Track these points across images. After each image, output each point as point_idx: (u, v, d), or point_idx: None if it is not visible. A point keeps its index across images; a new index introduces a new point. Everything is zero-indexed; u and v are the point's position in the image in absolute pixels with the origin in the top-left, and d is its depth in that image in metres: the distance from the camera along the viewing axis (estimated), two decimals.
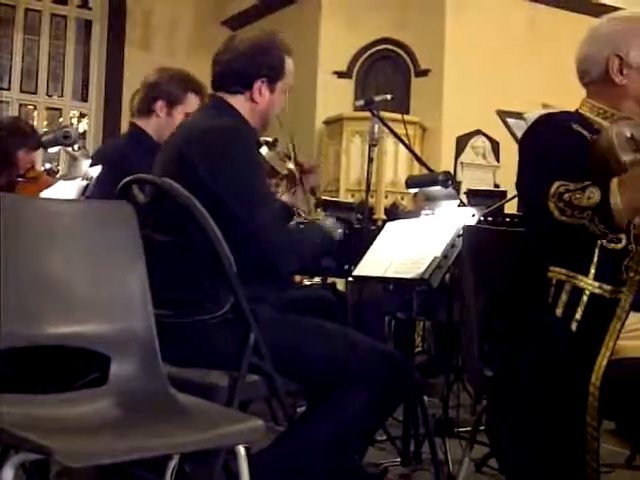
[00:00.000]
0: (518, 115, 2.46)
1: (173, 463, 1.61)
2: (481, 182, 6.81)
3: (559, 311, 1.62)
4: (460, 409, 3.14)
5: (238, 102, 2.10)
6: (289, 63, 2.15)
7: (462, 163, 7.00)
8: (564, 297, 1.63)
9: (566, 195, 1.54)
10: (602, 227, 1.52)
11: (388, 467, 2.63)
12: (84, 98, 8.48)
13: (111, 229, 1.67)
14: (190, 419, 1.44)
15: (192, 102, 2.72)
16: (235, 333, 1.88)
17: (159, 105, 2.73)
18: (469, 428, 2.19)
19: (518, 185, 1.74)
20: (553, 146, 1.68)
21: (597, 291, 1.62)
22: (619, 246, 1.62)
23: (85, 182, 2.22)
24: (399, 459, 2.72)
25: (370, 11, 7.23)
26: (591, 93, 1.82)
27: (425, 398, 2.78)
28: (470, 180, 6.78)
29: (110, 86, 8.12)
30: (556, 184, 1.56)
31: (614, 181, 1.51)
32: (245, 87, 2.10)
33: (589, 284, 1.62)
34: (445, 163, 6.78)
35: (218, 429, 1.38)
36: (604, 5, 7.14)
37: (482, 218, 2.84)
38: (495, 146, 6.97)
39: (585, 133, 1.69)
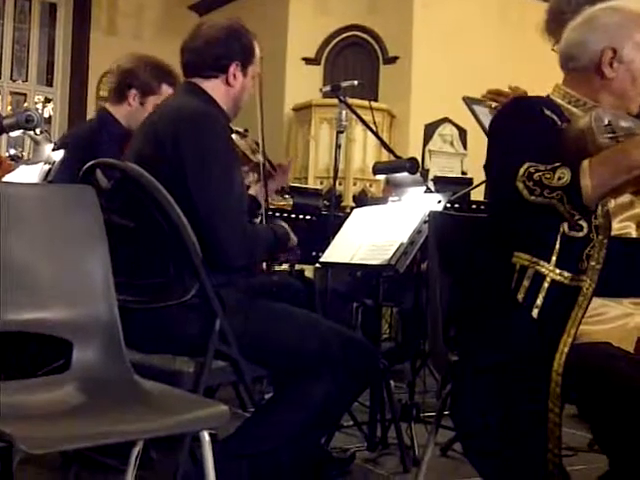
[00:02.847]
0: (483, 102, 2.48)
1: (137, 449, 1.60)
2: (449, 169, 6.85)
3: (520, 296, 1.63)
4: (426, 394, 3.17)
5: (213, 86, 2.12)
6: (257, 48, 2.19)
7: (430, 150, 7.03)
8: (526, 283, 1.63)
9: (536, 175, 1.54)
10: (570, 207, 1.52)
11: (355, 452, 2.64)
12: (49, 83, 8.35)
13: (73, 214, 1.65)
14: (153, 405, 1.43)
15: (166, 94, 2.71)
16: (201, 319, 1.87)
17: (132, 93, 2.73)
18: (435, 413, 2.21)
19: (487, 168, 1.74)
20: (523, 128, 1.67)
21: (558, 278, 1.62)
22: (580, 234, 1.62)
23: (47, 166, 2.19)
24: (365, 444, 2.73)
25: None
26: (570, 80, 1.80)
27: (392, 383, 2.80)
28: (438, 167, 6.82)
29: (76, 71, 8.00)
30: (526, 165, 1.56)
31: (585, 162, 1.52)
32: (220, 71, 2.12)
33: (550, 270, 1.63)
34: (413, 150, 6.79)
35: (182, 415, 1.37)
36: None
37: (448, 204, 2.86)
38: (462, 134, 7.00)
39: (555, 118, 1.69)
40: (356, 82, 3.08)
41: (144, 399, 1.46)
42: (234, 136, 2.26)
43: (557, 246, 1.63)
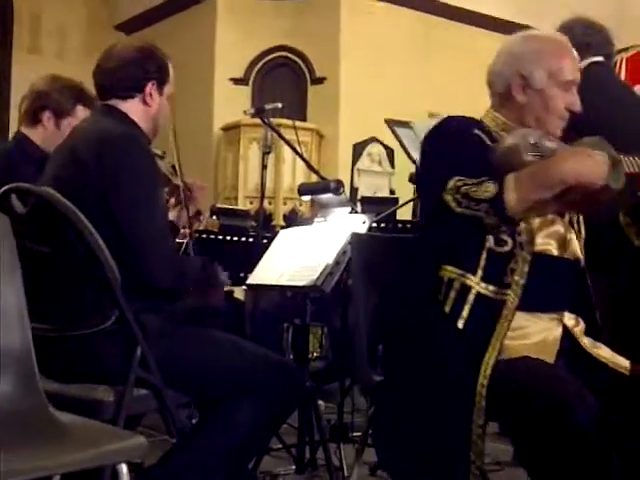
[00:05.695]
0: (406, 124, 2.52)
1: None
2: (377, 188, 6.93)
3: (447, 308, 1.67)
4: (357, 413, 3.16)
5: (130, 107, 2.10)
6: (171, 69, 2.18)
7: (359, 169, 7.10)
8: (452, 294, 1.68)
9: (463, 188, 1.59)
10: (496, 219, 1.57)
11: (283, 475, 2.61)
12: None
13: None
14: (69, 438, 1.39)
15: (80, 115, 2.66)
16: (121, 346, 1.83)
17: (46, 116, 2.68)
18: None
19: (417, 183, 1.78)
20: (453, 145, 1.73)
21: (483, 291, 1.67)
22: (505, 249, 1.68)
23: None
24: (294, 467, 2.71)
25: (266, 18, 7.25)
26: (496, 105, 1.87)
27: (322, 404, 2.79)
28: (367, 186, 6.89)
29: None
30: (454, 179, 1.61)
31: (509, 176, 1.57)
32: (137, 91, 2.10)
33: (476, 283, 1.67)
34: (342, 169, 6.86)
35: (98, 447, 1.33)
36: (495, 18, 7.42)
37: (374, 224, 2.89)
38: (390, 153, 7.10)
39: (484, 137, 1.76)
40: (280, 105, 3.09)
41: (59, 432, 1.42)
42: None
43: (482, 261, 1.68)
